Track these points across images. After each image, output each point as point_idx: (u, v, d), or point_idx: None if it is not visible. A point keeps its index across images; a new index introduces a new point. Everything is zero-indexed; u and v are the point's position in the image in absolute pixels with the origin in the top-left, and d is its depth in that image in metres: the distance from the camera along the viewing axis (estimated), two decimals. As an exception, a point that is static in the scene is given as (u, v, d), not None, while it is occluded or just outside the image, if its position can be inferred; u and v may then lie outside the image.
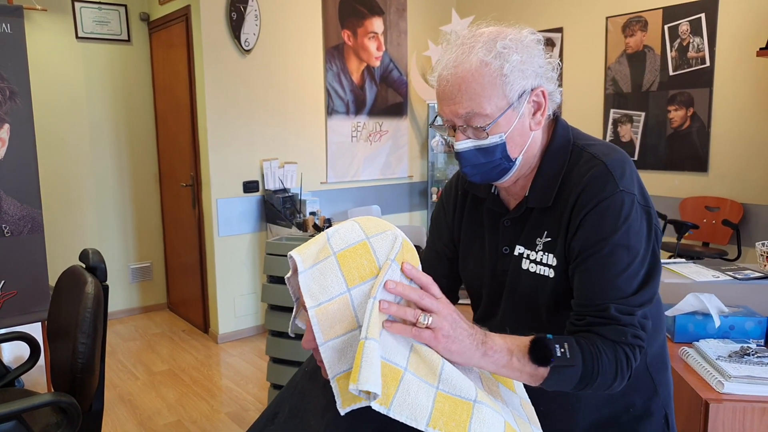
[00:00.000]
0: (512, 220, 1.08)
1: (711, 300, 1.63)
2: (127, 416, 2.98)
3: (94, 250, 1.93)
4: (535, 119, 1.00)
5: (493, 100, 0.94)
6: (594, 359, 0.90)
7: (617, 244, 0.94)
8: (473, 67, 0.93)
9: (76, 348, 1.71)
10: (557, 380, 0.89)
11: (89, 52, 4.19)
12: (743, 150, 3.43)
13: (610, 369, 0.91)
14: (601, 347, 0.91)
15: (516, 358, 0.87)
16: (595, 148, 1.02)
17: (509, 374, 0.88)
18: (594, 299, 0.95)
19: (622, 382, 0.93)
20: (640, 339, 0.94)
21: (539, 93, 0.98)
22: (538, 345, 0.87)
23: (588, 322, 0.94)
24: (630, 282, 0.94)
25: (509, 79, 0.94)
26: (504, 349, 0.86)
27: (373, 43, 4.54)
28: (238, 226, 4.00)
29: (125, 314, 4.54)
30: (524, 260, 1.05)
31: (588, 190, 0.97)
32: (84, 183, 4.27)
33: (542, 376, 0.88)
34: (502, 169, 1.01)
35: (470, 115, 0.95)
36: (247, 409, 3.05)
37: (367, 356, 0.75)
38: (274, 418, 1.07)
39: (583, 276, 0.97)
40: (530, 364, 0.87)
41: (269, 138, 4.08)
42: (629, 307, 0.93)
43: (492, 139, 0.97)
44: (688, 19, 3.60)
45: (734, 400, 1.31)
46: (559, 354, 0.87)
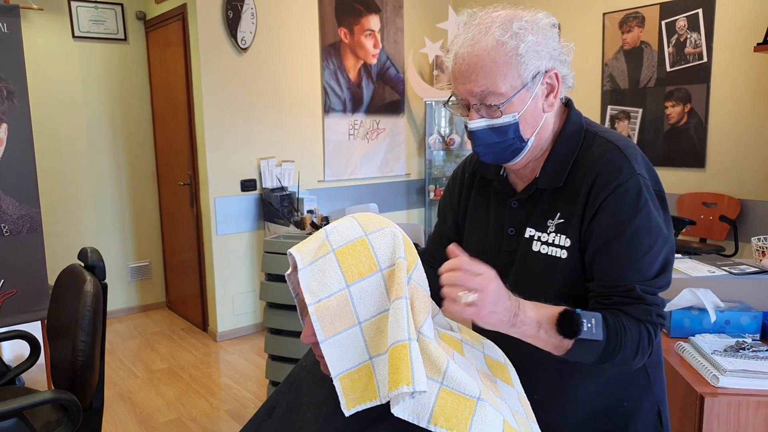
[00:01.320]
0: (520, 201, 1.09)
1: (707, 295, 1.63)
2: (127, 414, 2.99)
3: (92, 249, 1.93)
4: (548, 101, 1.02)
5: (507, 79, 0.96)
6: (618, 336, 0.93)
7: (639, 227, 0.96)
8: (489, 46, 0.96)
9: (75, 346, 1.72)
10: (580, 352, 0.92)
11: (86, 51, 4.19)
12: (740, 146, 3.44)
13: (632, 346, 0.94)
14: (627, 325, 0.94)
15: (543, 330, 0.90)
16: (608, 134, 1.04)
17: (534, 343, 0.92)
18: (619, 281, 0.96)
19: (643, 359, 0.96)
20: (663, 318, 0.97)
21: (553, 75, 1.00)
22: (566, 318, 0.90)
23: (614, 302, 0.96)
24: (652, 264, 0.97)
25: (524, 59, 0.96)
26: (533, 322, 0.89)
27: (369, 40, 4.54)
28: (236, 224, 4.01)
29: (124, 313, 4.55)
30: (535, 242, 1.06)
31: (605, 173, 0.98)
32: (82, 182, 4.27)
33: (566, 348, 0.91)
34: (515, 149, 1.02)
35: (485, 93, 0.97)
36: (246, 406, 3.06)
37: (414, 357, 0.77)
38: (271, 413, 1.07)
39: (606, 259, 0.98)
40: (556, 335, 0.90)
41: (266, 136, 4.08)
42: (653, 288, 0.96)
43: (505, 119, 0.99)
44: (685, 15, 3.60)
45: (729, 393, 1.32)
46: (585, 328, 0.90)
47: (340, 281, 0.83)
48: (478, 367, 0.93)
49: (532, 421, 0.93)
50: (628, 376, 1.09)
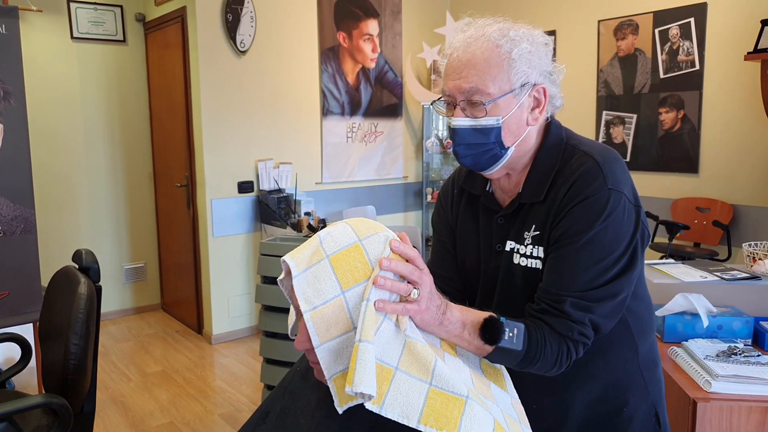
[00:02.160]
0: (505, 217, 1.10)
1: (699, 300, 1.64)
2: (119, 418, 2.98)
3: (87, 251, 1.93)
4: (533, 115, 1.03)
5: (497, 81, 0.98)
6: (538, 348, 0.94)
7: (592, 240, 0.96)
8: (484, 46, 0.98)
9: (68, 349, 1.71)
10: (499, 358, 0.94)
11: (84, 52, 4.19)
12: (733, 152, 3.46)
13: (551, 358, 0.96)
14: (548, 338, 0.95)
15: (467, 331, 0.91)
16: (588, 147, 1.04)
17: (458, 343, 0.93)
18: (555, 288, 0.97)
19: (559, 370, 0.98)
20: (586, 337, 0.97)
21: (540, 90, 1.02)
22: (489, 325, 0.92)
23: (541, 309, 0.98)
24: (596, 277, 0.96)
25: (516, 64, 0.98)
26: (459, 322, 0.90)
27: (368, 44, 4.55)
28: (232, 226, 4.01)
29: (118, 315, 4.53)
30: (515, 255, 1.07)
31: (577, 184, 0.99)
32: (78, 183, 4.27)
33: (487, 351, 0.93)
34: (494, 155, 1.03)
35: (473, 90, 0.98)
36: (241, 410, 3.05)
37: (361, 358, 0.76)
38: (265, 418, 1.07)
39: (551, 264, 0.99)
40: (478, 339, 0.91)
41: (264, 138, 4.09)
42: (586, 302, 0.96)
43: (489, 121, 1.00)
44: (677, 23, 3.63)
45: (721, 399, 1.32)
46: (506, 337, 0.92)
47: (335, 288, 0.83)
48: (472, 370, 0.94)
49: (525, 426, 0.93)
50: (625, 380, 1.10)
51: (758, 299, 1.74)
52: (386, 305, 0.81)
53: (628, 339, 1.09)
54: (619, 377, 1.09)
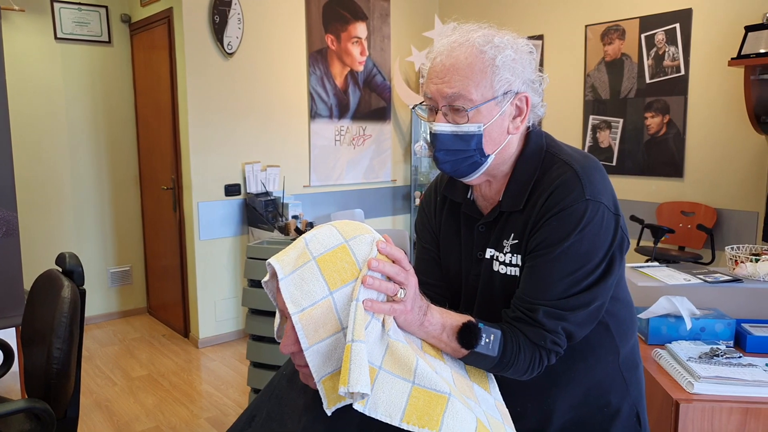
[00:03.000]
0: (486, 224, 1.10)
1: (683, 303, 1.66)
2: (103, 422, 2.95)
3: (71, 254, 1.91)
4: (515, 123, 1.03)
5: (480, 87, 0.98)
6: (512, 355, 0.96)
7: (567, 251, 0.96)
8: (468, 51, 0.98)
9: (51, 353, 1.69)
10: (474, 361, 0.96)
11: (68, 53, 4.15)
12: (717, 156, 3.51)
13: (524, 365, 0.98)
14: (523, 346, 0.97)
15: (446, 334, 0.93)
16: (567, 156, 1.03)
17: (436, 344, 0.94)
18: (529, 297, 0.99)
19: (530, 376, 1.00)
20: (559, 345, 0.99)
21: (523, 98, 1.02)
22: (466, 330, 0.93)
23: (516, 317, 1.00)
24: (570, 287, 0.97)
25: (499, 70, 0.98)
26: (439, 324, 0.92)
27: (356, 47, 4.56)
28: (219, 229, 3.99)
29: (104, 319, 4.49)
30: (495, 262, 1.07)
31: (555, 195, 0.99)
32: (62, 186, 4.22)
33: (462, 354, 0.95)
34: (473, 163, 1.02)
35: (456, 95, 0.98)
36: (228, 414, 3.03)
37: (355, 358, 0.76)
38: (251, 422, 1.07)
39: (527, 272, 1.01)
40: (456, 342, 0.93)
41: (252, 141, 4.07)
42: (559, 311, 0.97)
43: (470, 127, 1.00)
44: (663, 29, 3.67)
45: (703, 400, 1.34)
46: (482, 343, 0.94)
47: (323, 289, 0.83)
48: (455, 371, 0.94)
49: (509, 427, 0.94)
50: (606, 382, 1.11)
51: (740, 302, 1.76)
52: (374, 305, 0.82)
53: (609, 342, 1.10)
54: (600, 379, 1.10)
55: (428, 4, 5.02)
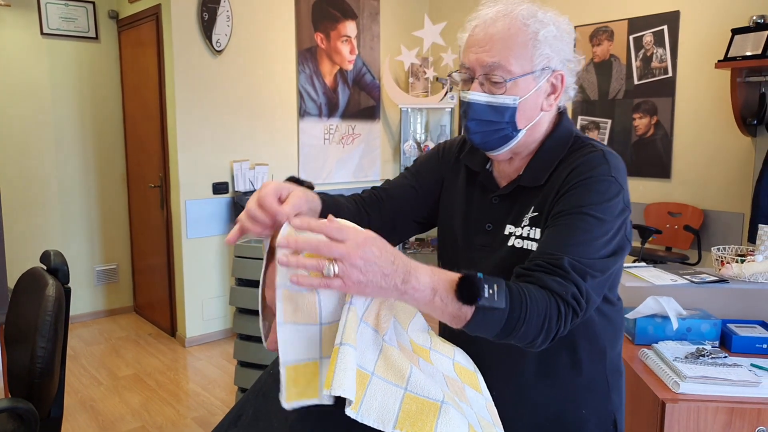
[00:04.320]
0: (501, 197, 1.09)
1: (669, 303, 1.67)
2: (88, 422, 2.92)
3: (55, 252, 1.89)
4: (548, 101, 1.03)
5: (520, 59, 0.97)
6: (522, 307, 0.83)
7: (593, 215, 0.94)
8: (512, 23, 0.98)
9: (35, 352, 1.67)
10: (481, 323, 0.82)
11: (55, 49, 4.10)
12: (704, 158, 3.54)
13: (536, 318, 0.84)
14: (535, 296, 0.85)
15: (439, 297, 0.80)
16: (595, 142, 1.05)
17: (431, 313, 0.83)
18: (553, 249, 0.92)
19: (546, 341, 0.87)
20: (578, 304, 0.88)
21: (559, 76, 1.02)
22: (465, 282, 0.80)
23: (534, 265, 0.91)
24: (595, 249, 0.93)
25: (540, 45, 0.98)
26: (428, 288, 0.79)
27: (346, 46, 4.55)
28: (207, 227, 3.96)
29: (90, 317, 4.44)
30: (511, 237, 1.05)
31: (580, 168, 0.99)
32: (48, 183, 4.17)
33: (465, 318, 0.81)
34: (504, 136, 1.02)
35: (495, 65, 0.97)
36: (214, 413, 3.02)
37: (341, 362, 0.75)
38: (237, 421, 1.06)
39: (549, 231, 0.96)
40: (454, 302, 0.80)
41: (240, 139, 4.05)
42: (583, 266, 0.90)
43: (506, 99, 0.99)
44: (651, 31, 3.70)
45: (689, 399, 1.35)
46: (487, 294, 0.80)
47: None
48: (446, 374, 0.94)
49: (498, 428, 0.94)
50: (587, 382, 1.09)
51: (726, 302, 1.78)
52: (301, 279, 0.74)
53: (597, 343, 1.10)
54: (584, 379, 1.09)
55: (418, 4, 5.02)
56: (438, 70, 4.81)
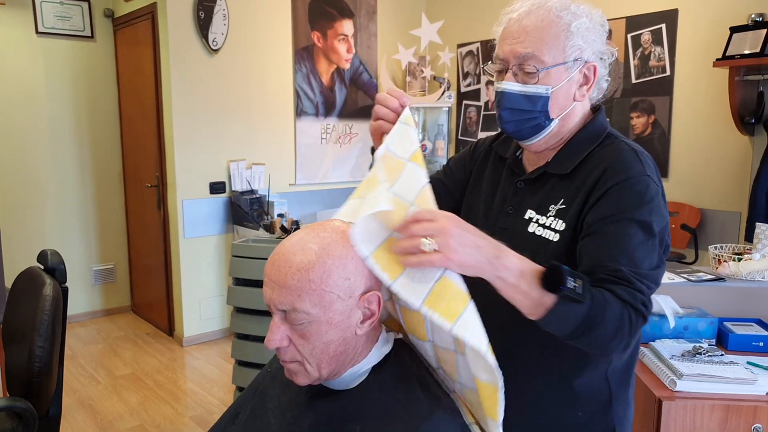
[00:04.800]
0: (526, 181, 1.10)
1: (667, 301, 1.68)
2: (86, 421, 2.92)
3: (53, 251, 1.88)
4: (581, 91, 1.05)
5: (552, 50, 1.00)
6: (602, 306, 0.86)
7: (638, 220, 0.94)
8: (545, 15, 1.00)
9: (32, 351, 1.67)
10: (561, 314, 0.85)
11: (50, 48, 4.09)
12: (701, 157, 3.55)
13: (612, 322, 0.87)
14: (611, 299, 0.88)
15: (525, 281, 0.84)
16: (629, 141, 1.06)
17: (513, 296, 0.85)
18: (608, 261, 0.92)
19: (620, 344, 0.90)
20: (646, 308, 0.90)
21: (591, 67, 1.04)
22: (552, 270, 0.84)
23: (599, 278, 0.91)
24: (645, 257, 0.93)
25: (573, 36, 1.00)
26: (517, 269, 0.84)
27: (342, 45, 4.54)
28: (204, 227, 3.95)
29: (87, 317, 4.43)
30: (532, 224, 1.06)
31: (614, 167, 0.98)
32: (44, 183, 4.16)
33: (546, 307, 0.84)
34: (537, 125, 1.04)
35: (528, 56, 1.00)
36: (212, 412, 3.01)
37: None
38: (235, 419, 1.06)
39: (598, 241, 0.95)
40: (538, 289, 0.84)
41: (237, 139, 4.04)
42: (641, 277, 0.91)
43: (538, 88, 1.01)
44: (649, 29, 3.70)
45: (686, 397, 1.35)
46: (570, 286, 0.83)
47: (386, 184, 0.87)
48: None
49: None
50: (590, 389, 1.06)
51: (723, 300, 1.78)
52: (408, 259, 0.81)
53: None
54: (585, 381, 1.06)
55: (415, 2, 5.02)
56: (435, 69, 4.81)
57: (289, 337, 0.88)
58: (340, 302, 0.86)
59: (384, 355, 0.95)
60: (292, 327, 0.87)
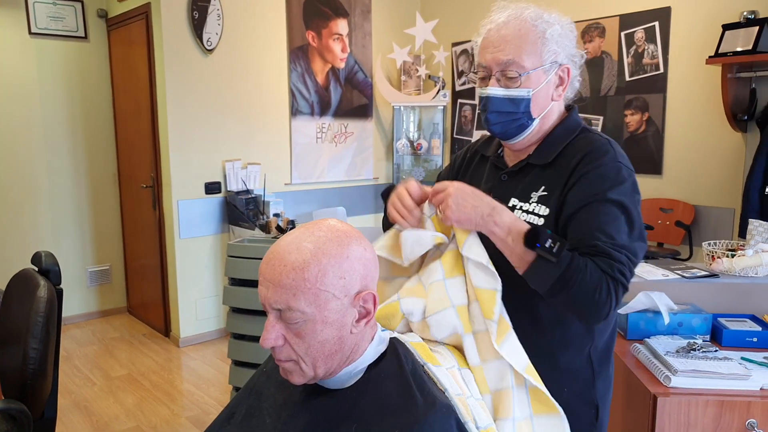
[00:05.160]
0: (509, 174, 1.20)
1: (661, 298, 1.69)
2: (82, 423, 2.91)
3: (47, 253, 1.88)
4: (557, 91, 1.15)
5: (531, 56, 1.10)
6: (580, 270, 0.98)
7: (611, 200, 1.04)
8: (522, 25, 1.11)
9: (27, 353, 1.66)
10: (538, 270, 1.00)
11: (43, 48, 4.07)
12: (695, 154, 3.56)
13: (590, 285, 0.98)
14: (590, 266, 0.99)
15: (512, 237, 1.01)
16: (602, 133, 1.17)
17: (503, 249, 1.03)
18: (587, 239, 1.03)
19: (599, 310, 1.00)
20: (625, 277, 1.00)
21: (565, 69, 1.14)
22: (533, 230, 0.99)
23: (581, 254, 1.01)
24: (620, 231, 1.03)
25: (548, 43, 1.10)
26: (506, 227, 1.01)
27: (337, 44, 4.54)
28: (199, 227, 3.95)
29: (83, 318, 4.42)
30: (516, 211, 1.13)
31: (590, 154, 1.10)
32: (39, 184, 4.14)
33: (527, 262, 1.00)
34: (521, 125, 1.14)
35: (510, 62, 1.10)
36: (209, 412, 3.01)
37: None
38: (230, 419, 1.06)
39: (576, 222, 1.06)
40: (521, 245, 1.00)
41: (232, 138, 4.04)
42: (618, 248, 1.01)
43: (520, 92, 1.11)
44: (642, 27, 3.71)
45: (680, 393, 1.36)
46: (547, 245, 0.97)
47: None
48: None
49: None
50: (575, 366, 1.13)
51: (716, 296, 1.79)
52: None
53: (587, 327, 1.13)
54: (570, 360, 1.13)
55: (410, 2, 5.02)
56: (430, 67, 4.81)
57: (284, 336, 0.88)
58: (335, 301, 0.86)
59: (379, 354, 0.96)
60: (287, 326, 0.88)
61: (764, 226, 1.95)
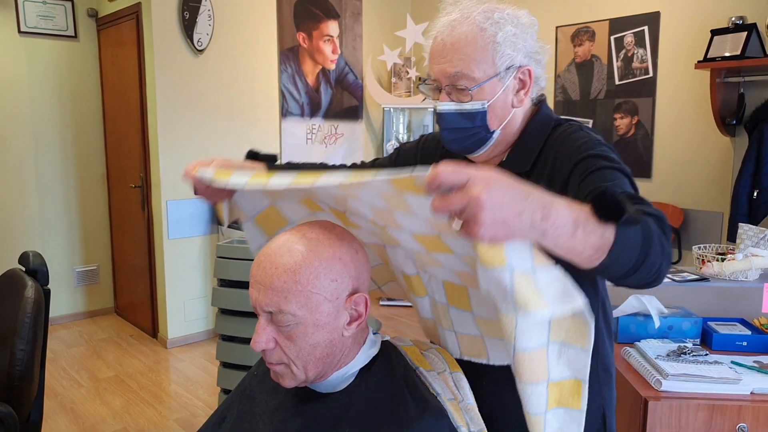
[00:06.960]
0: None
1: (651, 301, 1.69)
2: (68, 425, 2.87)
3: (34, 253, 1.85)
4: (518, 97, 1.02)
5: (482, 65, 0.97)
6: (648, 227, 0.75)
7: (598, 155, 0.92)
8: (469, 30, 0.97)
9: (13, 355, 1.64)
10: (626, 244, 0.71)
11: (33, 47, 4.02)
12: (684, 157, 3.59)
13: (658, 248, 0.75)
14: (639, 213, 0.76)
15: (582, 228, 0.69)
16: (576, 120, 1.05)
17: (567, 253, 0.70)
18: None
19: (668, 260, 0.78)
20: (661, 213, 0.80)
21: (525, 71, 1.01)
22: (603, 197, 0.72)
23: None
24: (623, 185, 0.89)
25: (501, 47, 0.97)
26: (569, 222, 0.68)
27: (328, 46, 4.53)
28: (188, 228, 3.92)
29: (70, 319, 4.37)
30: None
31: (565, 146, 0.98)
32: (26, 183, 4.09)
33: (609, 242, 0.70)
34: (479, 139, 1.02)
35: (458, 75, 0.98)
36: (197, 415, 2.99)
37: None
38: (221, 423, 1.05)
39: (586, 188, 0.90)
40: (597, 228, 0.70)
41: (222, 139, 4.01)
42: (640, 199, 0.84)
43: (474, 105, 0.99)
44: (632, 31, 3.74)
45: (671, 397, 1.36)
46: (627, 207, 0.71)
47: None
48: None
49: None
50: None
51: (706, 300, 1.80)
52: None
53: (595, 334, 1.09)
54: None
55: (400, 4, 5.02)
56: (420, 70, 4.81)
57: (275, 338, 0.87)
58: (326, 304, 0.86)
59: (371, 358, 0.95)
60: (278, 329, 0.87)
61: (754, 230, 1.97)
